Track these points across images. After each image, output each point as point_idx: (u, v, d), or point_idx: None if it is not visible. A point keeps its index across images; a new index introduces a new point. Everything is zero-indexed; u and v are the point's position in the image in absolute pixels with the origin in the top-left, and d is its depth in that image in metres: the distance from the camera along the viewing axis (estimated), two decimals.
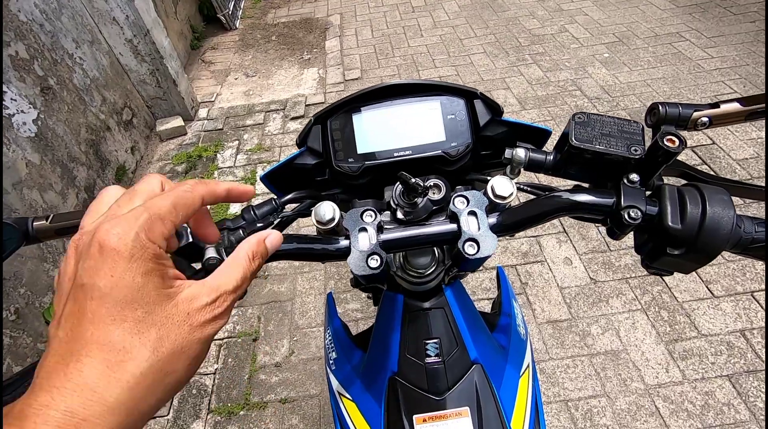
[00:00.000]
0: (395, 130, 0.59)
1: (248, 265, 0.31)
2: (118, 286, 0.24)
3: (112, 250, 0.24)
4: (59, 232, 0.45)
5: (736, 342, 1.54)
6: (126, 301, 0.24)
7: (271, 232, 0.35)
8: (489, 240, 0.45)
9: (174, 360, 0.25)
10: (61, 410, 0.21)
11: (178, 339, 0.26)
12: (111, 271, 0.24)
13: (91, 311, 0.24)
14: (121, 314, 0.24)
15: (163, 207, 0.27)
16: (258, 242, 0.33)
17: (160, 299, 0.26)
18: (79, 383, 0.22)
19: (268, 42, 4.00)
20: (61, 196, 1.96)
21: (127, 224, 0.25)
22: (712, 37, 3.11)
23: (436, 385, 0.56)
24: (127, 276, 0.24)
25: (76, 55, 2.28)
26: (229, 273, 0.30)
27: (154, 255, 0.26)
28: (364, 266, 0.45)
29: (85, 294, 0.24)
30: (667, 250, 0.42)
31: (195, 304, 0.27)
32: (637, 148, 0.44)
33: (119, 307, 0.24)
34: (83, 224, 0.29)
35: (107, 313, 0.24)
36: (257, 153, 2.70)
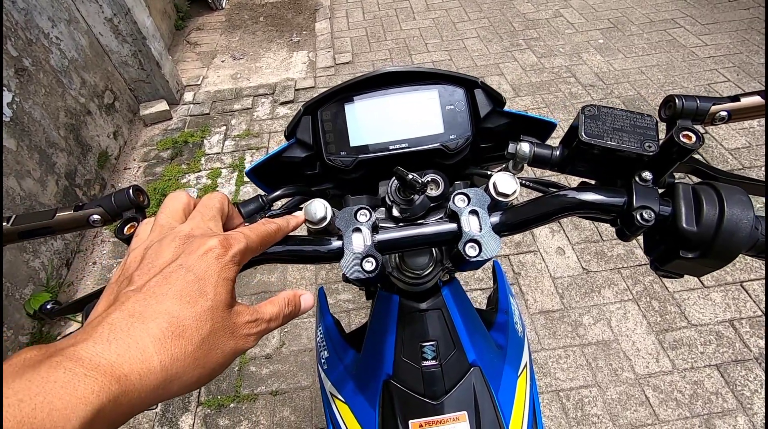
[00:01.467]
0: (390, 122, 0.56)
1: (284, 305, 0.36)
2: (206, 279, 0.30)
3: (217, 255, 0.31)
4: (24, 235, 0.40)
5: (725, 332, 1.56)
6: (203, 290, 0.29)
7: (307, 292, 0.39)
8: (491, 241, 0.42)
9: (209, 356, 0.29)
10: (111, 361, 0.24)
11: (220, 340, 0.29)
12: (207, 267, 0.30)
13: (177, 287, 0.29)
14: (194, 298, 0.29)
15: (255, 241, 0.35)
16: (294, 295, 0.38)
17: (224, 303, 0.30)
18: (138, 342, 0.25)
19: (256, 23, 3.88)
20: (40, 184, 1.89)
21: (232, 244, 0.32)
22: (706, 24, 3.09)
23: (432, 389, 0.53)
24: (215, 273, 0.30)
25: (52, 34, 2.17)
26: (267, 306, 0.35)
27: (234, 274, 0.32)
28: (358, 269, 0.42)
29: (179, 274, 0.29)
30: (680, 253, 0.39)
31: (240, 320, 0.31)
32: (651, 145, 0.41)
33: (198, 294, 0.29)
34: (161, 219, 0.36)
35: (189, 293, 0.29)
36: (245, 139, 2.63)
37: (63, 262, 1.95)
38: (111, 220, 0.42)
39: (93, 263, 2.02)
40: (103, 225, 0.42)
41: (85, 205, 0.42)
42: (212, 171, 2.43)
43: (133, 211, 0.42)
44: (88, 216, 0.41)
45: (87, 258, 2.05)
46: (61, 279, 1.91)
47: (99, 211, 0.41)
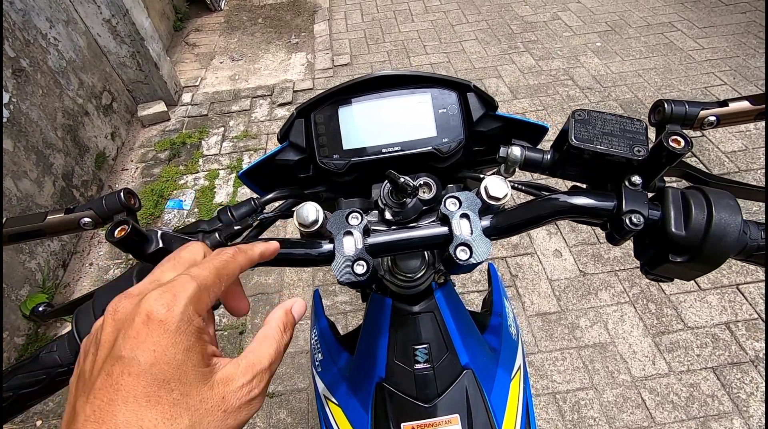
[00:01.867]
0: (383, 125, 0.56)
1: (281, 338, 0.30)
2: (159, 362, 0.23)
3: (159, 323, 0.23)
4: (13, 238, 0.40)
5: (721, 334, 1.56)
6: (163, 380, 0.22)
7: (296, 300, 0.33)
8: (482, 244, 0.42)
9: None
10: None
11: (211, 426, 0.23)
12: (154, 345, 0.23)
13: (126, 389, 0.22)
14: (156, 394, 0.22)
15: (209, 277, 0.27)
16: (286, 313, 0.32)
17: (196, 380, 0.24)
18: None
19: (255, 24, 3.88)
20: (37, 185, 1.89)
21: (176, 294, 0.25)
22: (703, 27, 3.10)
23: (425, 392, 0.54)
24: (170, 351, 0.23)
25: (50, 35, 2.17)
26: (262, 349, 0.28)
27: (197, 329, 0.25)
28: (349, 273, 0.42)
29: (122, 368, 0.22)
30: (670, 258, 0.39)
31: (231, 387, 0.25)
32: (641, 149, 0.41)
33: (156, 386, 0.22)
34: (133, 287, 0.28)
35: (143, 392, 0.22)
36: (243, 140, 2.63)
37: (59, 264, 1.95)
38: (102, 223, 0.42)
39: (90, 264, 2.02)
40: (94, 228, 0.42)
41: (76, 208, 0.42)
42: (210, 172, 2.43)
43: (124, 214, 0.42)
44: (79, 219, 0.41)
45: (84, 259, 2.04)
46: (57, 280, 1.90)
47: (90, 213, 0.41)
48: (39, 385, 0.37)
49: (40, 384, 0.37)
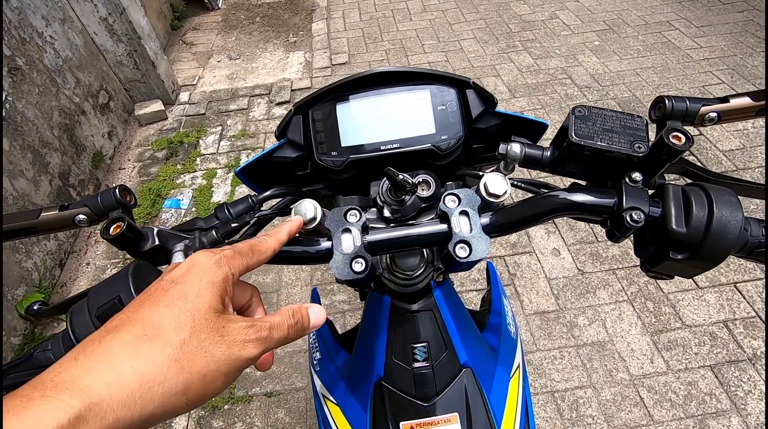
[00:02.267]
0: (382, 122, 0.55)
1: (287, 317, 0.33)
2: (186, 283, 0.29)
3: (199, 263, 0.31)
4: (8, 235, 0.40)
5: (719, 332, 1.56)
6: (184, 294, 0.29)
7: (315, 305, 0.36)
8: (481, 242, 0.41)
9: (194, 359, 0.26)
10: (74, 376, 0.22)
11: (206, 342, 0.27)
12: (188, 274, 0.30)
13: (155, 297, 0.29)
14: (173, 301, 0.28)
15: (244, 248, 0.35)
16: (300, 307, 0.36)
17: (209, 305, 0.29)
18: (106, 351, 0.24)
19: (252, 23, 3.87)
20: (33, 184, 1.88)
21: (215, 252, 0.33)
22: (701, 26, 3.10)
23: (424, 390, 0.53)
24: (197, 278, 0.30)
25: (46, 33, 2.16)
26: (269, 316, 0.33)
27: (224, 275, 0.31)
28: (347, 271, 0.41)
29: (160, 285, 0.30)
30: (670, 255, 0.39)
31: (232, 324, 0.29)
32: (641, 146, 0.41)
33: (176, 296, 0.28)
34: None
35: (165, 300, 0.28)
36: (241, 139, 2.62)
37: (56, 263, 1.94)
38: (97, 220, 0.42)
39: (87, 264, 2.01)
40: (89, 225, 0.42)
41: (70, 205, 0.41)
42: (208, 171, 2.42)
43: (119, 211, 0.41)
44: (74, 216, 0.41)
45: (81, 258, 2.03)
46: (54, 279, 1.89)
47: (85, 210, 0.41)
48: None
49: None
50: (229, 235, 0.48)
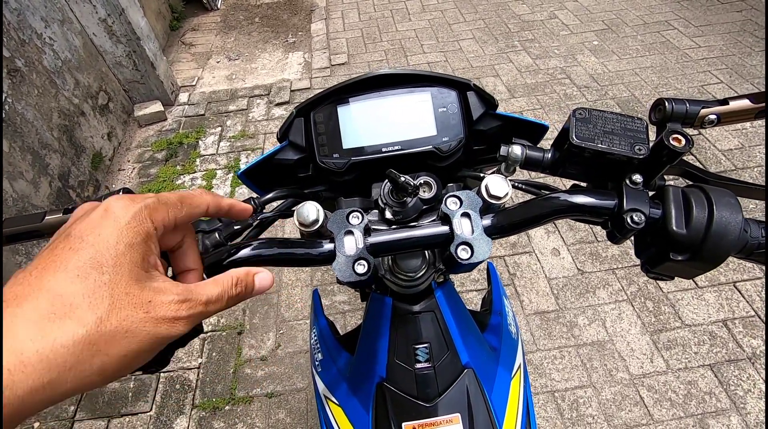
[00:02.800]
0: (383, 124, 0.55)
1: (229, 287, 0.30)
2: (100, 245, 0.24)
3: (113, 215, 0.26)
4: (11, 239, 0.40)
5: (719, 332, 1.57)
6: (99, 263, 0.24)
7: (263, 270, 0.34)
8: (483, 244, 0.42)
9: (113, 341, 0.23)
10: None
11: (128, 321, 0.24)
12: (101, 231, 0.25)
13: (61, 260, 0.24)
14: (86, 272, 0.23)
15: (171, 198, 0.30)
16: (247, 273, 0.32)
17: (130, 275, 0.25)
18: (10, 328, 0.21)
19: (252, 24, 3.87)
20: (33, 185, 1.87)
21: (134, 200, 0.27)
22: (699, 26, 3.11)
23: (425, 391, 0.53)
24: (113, 240, 0.25)
25: (45, 35, 2.16)
26: (207, 286, 0.29)
27: (146, 232, 0.27)
28: (350, 272, 0.41)
29: (67, 243, 0.25)
30: (671, 256, 0.39)
31: (161, 297, 0.26)
32: (642, 148, 0.41)
33: (90, 265, 0.24)
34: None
35: (75, 266, 0.23)
36: (241, 140, 2.62)
37: None
38: None
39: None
40: None
41: (74, 208, 0.41)
42: (207, 172, 2.42)
43: None
44: None
45: None
46: None
47: None
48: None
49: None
50: (231, 236, 0.48)
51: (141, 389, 1.57)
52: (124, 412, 1.51)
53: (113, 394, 1.56)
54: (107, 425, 1.49)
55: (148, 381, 1.59)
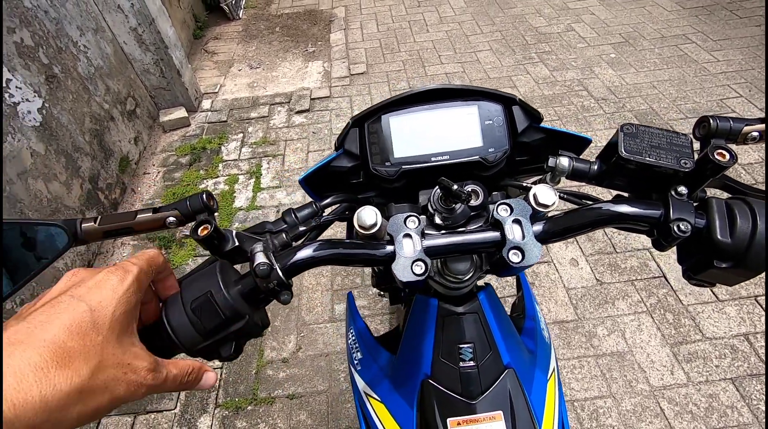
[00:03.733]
0: (433, 135, 0.59)
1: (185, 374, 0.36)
2: (99, 309, 0.29)
3: (111, 285, 0.30)
4: (108, 234, 0.44)
5: (740, 346, 1.56)
6: (96, 324, 0.28)
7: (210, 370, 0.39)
8: (534, 248, 0.45)
9: (94, 393, 0.27)
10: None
11: (109, 378, 0.28)
12: (102, 298, 0.29)
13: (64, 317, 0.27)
14: (85, 331, 0.28)
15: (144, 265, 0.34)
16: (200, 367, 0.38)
17: (118, 338, 0.30)
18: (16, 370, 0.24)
19: (272, 33, 3.96)
20: (66, 187, 1.94)
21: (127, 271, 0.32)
22: (717, 40, 3.12)
23: (469, 389, 0.56)
24: (111, 306, 0.30)
25: (80, 42, 2.25)
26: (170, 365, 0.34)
27: (136, 302, 0.32)
28: (409, 273, 0.45)
29: (70, 303, 0.28)
30: (714, 263, 0.42)
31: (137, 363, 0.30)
32: (687, 162, 0.44)
33: (89, 326, 0.28)
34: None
35: (77, 325, 0.27)
36: (262, 146, 2.68)
37: (84, 263, 2.00)
38: (185, 222, 0.46)
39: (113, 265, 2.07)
40: (177, 226, 0.46)
41: (162, 208, 0.45)
42: (230, 177, 2.48)
43: (205, 214, 0.45)
44: (165, 218, 0.45)
45: (107, 260, 2.09)
46: None
47: (175, 213, 0.45)
48: None
49: None
50: (297, 237, 0.52)
51: None
52: (149, 410, 1.55)
53: None
54: (133, 422, 1.53)
55: None
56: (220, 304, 0.39)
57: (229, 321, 0.40)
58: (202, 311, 0.39)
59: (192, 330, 0.39)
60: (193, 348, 0.40)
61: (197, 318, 0.39)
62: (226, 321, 0.39)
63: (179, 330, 0.39)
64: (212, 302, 0.39)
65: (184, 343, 0.39)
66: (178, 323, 0.39)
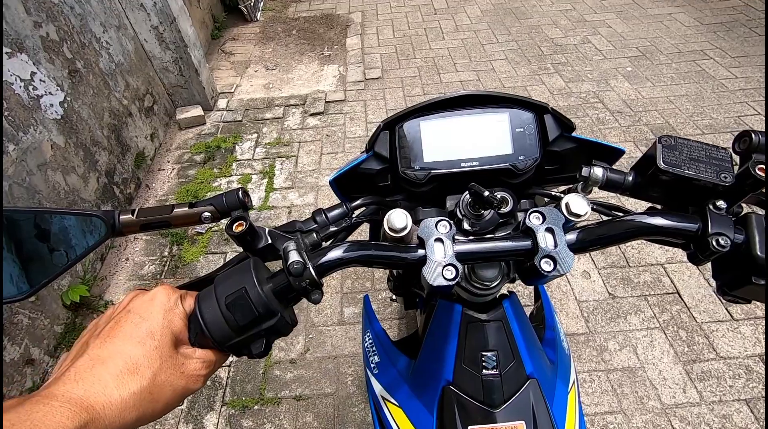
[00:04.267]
0: (463, 141, 0.59)
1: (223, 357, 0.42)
2: (151, 319, 0.36)
3: (160, 301, 0.38)
4: (144, 227, 0.44)
5: (755, 366, 1.54)
6: (151, 333, 0.35)
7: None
8: (567, 258, 0.44)
9: (161, 391, 0.34)
10: (80, 395, 0.30)
11: (170, 377, 0.35)
12: (153, 312, 0.37)
13: (125, 331, 0.35)
14: (144, 340, 0.35)
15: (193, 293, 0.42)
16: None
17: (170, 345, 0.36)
18: (100, 380, 0.31)
19: (289, 36, 4.00)
20: (83, 180, 1.97)
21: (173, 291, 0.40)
22: (736, 56, 3.10)
23: (492, 397, 0.55)
24: (160, 317, 0.37)
25: (103, 39, 2.28)
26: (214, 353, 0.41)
27: (181, 315, 0.39)
28: (440, 277, 0.44)
29: (129, 318, 0.36)
30: (753, 280, 0.42)
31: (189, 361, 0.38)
32: (727, 175, 0.44)
33: (146, 335, 0.35)
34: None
35: (136, 336, 0.35)
36: (276, 147, 2.70)
37: (98, 257, 2.01)
38: (219, 218, 0.46)
39: (126, 259, 2.09)
40: (212, 221, 0.46)
41: (197, 203, 0.46)
42: (243, 176, 2.50)
43: (240, 211, 0.46)
44: (201, 213, 0.45)
45: (120, 254, 2.11)
46: (95, 272, 1.97)
47: (210, 209, 0.45)
48: None
49: None
50: (327, 238, 0.52)
51: None
52: None
53: None
54: None
55: None
56: (254, 300, 0.39)
57: (262, 318, 0.40)
58: (235, 307, 0.39)
59: (225, 325, 0.39)
60: (225, 343, 0.40)
61: (231, 313, 0.39)
62: (259, 318, 0.39)
63: (212, 325, 0.39)
64: (246, 298, 0.39)
65: (216, 337, 0.39)
66: (211, 318, 0.39)
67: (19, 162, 1.61)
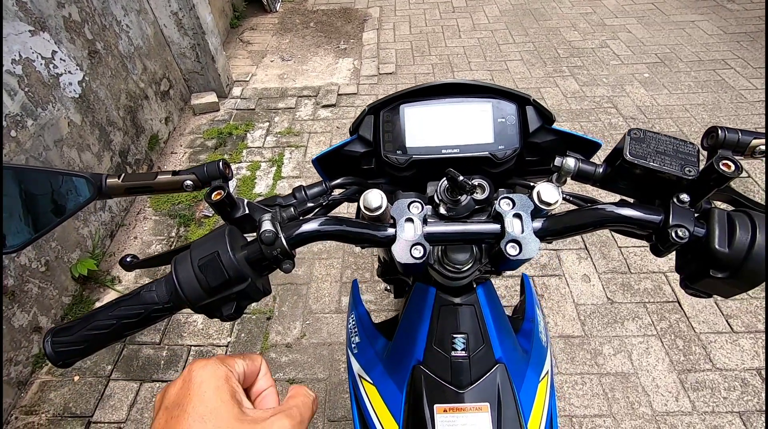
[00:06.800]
0: (445, 128, 0.60)
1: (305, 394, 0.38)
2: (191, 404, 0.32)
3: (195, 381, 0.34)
4: (129, 191, 0.47)
5: (752, 380, 1.52)
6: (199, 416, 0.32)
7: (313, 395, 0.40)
8: (532, 243, 0.46)
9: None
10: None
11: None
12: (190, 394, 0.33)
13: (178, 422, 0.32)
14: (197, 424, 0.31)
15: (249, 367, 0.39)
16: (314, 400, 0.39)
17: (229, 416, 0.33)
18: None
19: (306, 28, 4.03)
20: (97, 158, 2.03)
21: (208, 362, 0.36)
22: (758, 67, 3.02)
23: (459, 378, 0.57)
24: (200, 393, 0.33)
25: (123, 22, 2.34)
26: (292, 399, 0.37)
27: (225, 376, 0.35)
28: (407, 255, 0.46)
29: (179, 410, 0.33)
30: (710, 273, 0.42)
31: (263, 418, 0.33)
32: (692, 169, 0.44)
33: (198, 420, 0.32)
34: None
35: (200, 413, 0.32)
36: (286, 136, 2.74)
37: (108, 233, 2.08)
38: (201, 186, 0.48)
39: (134, 238, 2.14)
40: (193, 190, 0.48)
41: (180, 172, 0.48)
42: (252, 164, 2.54)
43: (220, 181, 0.48)
44: (183, 181, 0.48)
45: (129, 232, 2.17)
46: (104, 248, 2.03)
47: (192, 177, 0.48)
48: (137, 318, 0.43)
49: (138, 317, 0.43)
50: (304, 213, 0.54)
51: (172, 358, 1.66)
52: (155, 378, 1.61)
53: (147, 359, 1.66)
54: (139, 388, 1.58)
55: (179, 351, 1.68)
56: (225, 264, 0.41)
57: (232, 281, 0.42)
58: (207, 269, 0.41)
59: (198, 286, 0.41)
60: (197, 303, 0.42)
61: (203, 275, 0.41)
62: (229, 281, 0.42)
63: (185, 285, 0.41)
64: (218, 261, 0.41)
65: (189, 297, 0.42)
66: (185, 278, 0.42)
67: (36, 137, 1.67)
